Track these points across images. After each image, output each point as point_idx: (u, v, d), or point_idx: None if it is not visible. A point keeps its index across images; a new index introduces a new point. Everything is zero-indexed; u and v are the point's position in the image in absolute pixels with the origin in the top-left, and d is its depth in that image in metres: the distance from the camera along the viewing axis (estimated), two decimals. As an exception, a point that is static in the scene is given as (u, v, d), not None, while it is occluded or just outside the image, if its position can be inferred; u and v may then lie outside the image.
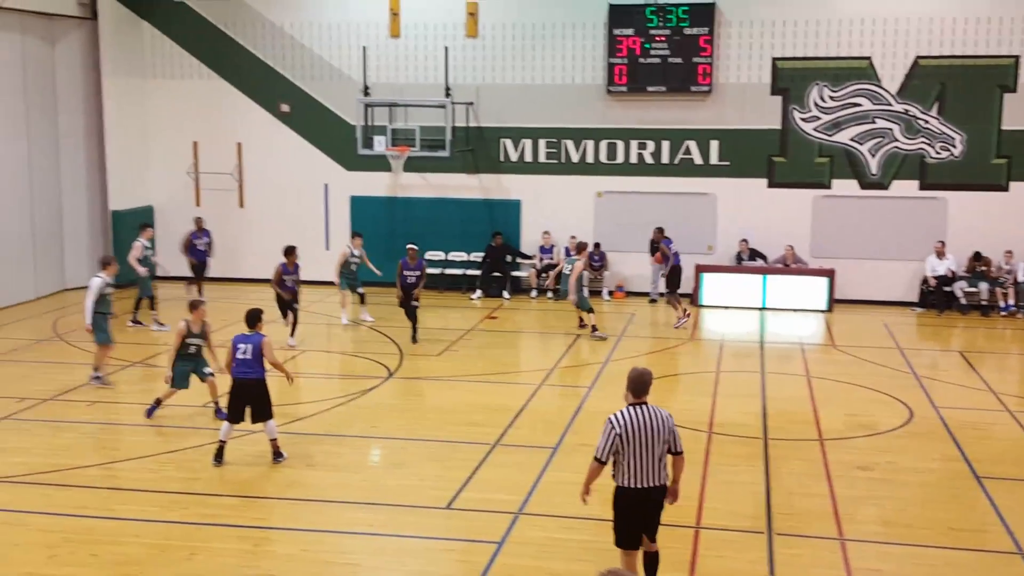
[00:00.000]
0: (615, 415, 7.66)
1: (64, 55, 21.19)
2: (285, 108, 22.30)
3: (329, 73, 22.06)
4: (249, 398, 11.10)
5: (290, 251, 16.77)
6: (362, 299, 18.66)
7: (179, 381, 12.63)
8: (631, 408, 7.68)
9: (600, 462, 7.67)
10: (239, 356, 11.06)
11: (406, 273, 17.26)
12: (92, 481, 10.70)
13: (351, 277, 18.48)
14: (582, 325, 18.22)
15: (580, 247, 18.43)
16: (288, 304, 16.73)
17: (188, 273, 20.44)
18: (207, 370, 12.68)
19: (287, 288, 16.67)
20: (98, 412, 13.21)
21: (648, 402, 7.78)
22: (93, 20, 21.33)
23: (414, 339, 17.09)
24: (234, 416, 11.12)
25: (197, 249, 20.14)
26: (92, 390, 14.05)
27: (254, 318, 11.37)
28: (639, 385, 7.72)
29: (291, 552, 9.07)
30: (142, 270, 17.67)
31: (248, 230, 22.50)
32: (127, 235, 21.91)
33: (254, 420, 11.19)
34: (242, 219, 22.55)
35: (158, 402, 12.75)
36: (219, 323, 18.29)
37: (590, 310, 17.88)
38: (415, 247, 17.59)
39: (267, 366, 11.21)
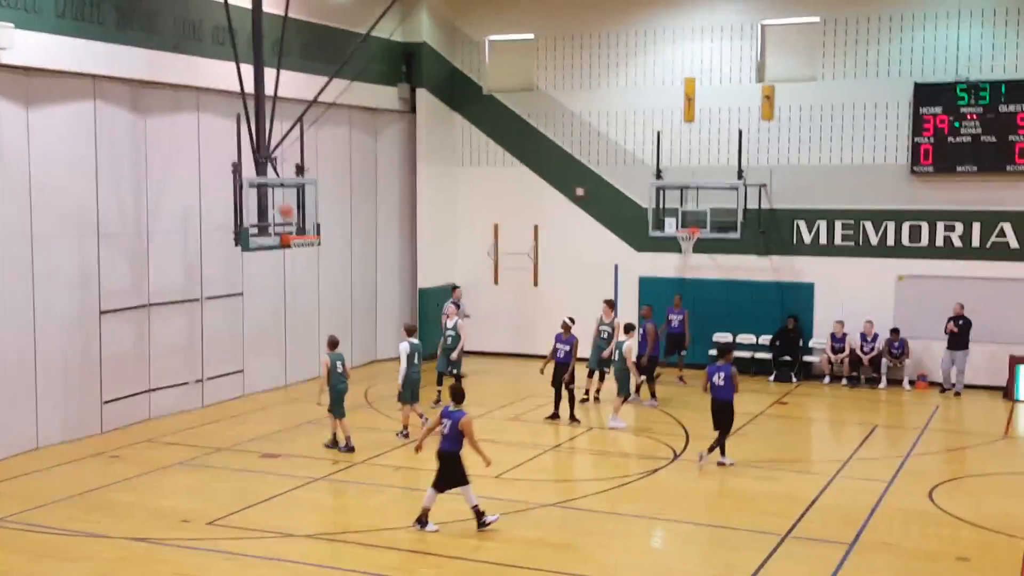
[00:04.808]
0: None
1: (385, 146, 23.24)
2: (580, 192, 23.14)
3: (623, 157, 22.68)
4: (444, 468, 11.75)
5: (567, 322, 17.42)
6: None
7: None
8: None
9: None
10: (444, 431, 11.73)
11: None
12: (398, 543, 11.40)
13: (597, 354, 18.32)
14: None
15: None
16: (560, 380, 17.08)
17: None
18: None
19: (560, 361, 17.05)
20: (404, 476, 14.11)
21: None
22: (412, 113, 23.29)
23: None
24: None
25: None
26: (400, 456, 15.01)
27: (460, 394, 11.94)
28: None
29: (580, 629, 9.20)
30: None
31: (541, 308, 23.31)
32: (431, 311, 23.43)
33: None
34: (536, 297, 23.44)
35: None
36: (507, 398, 19.08)
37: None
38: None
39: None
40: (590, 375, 18.69)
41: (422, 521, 11.73)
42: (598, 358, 18.52)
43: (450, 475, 11.77)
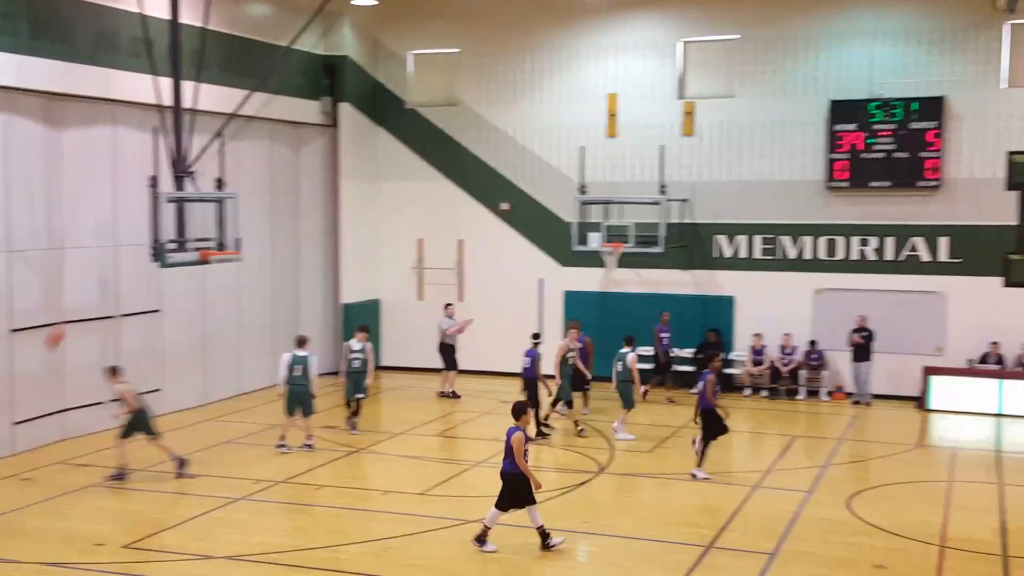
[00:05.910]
0: None
1: (307, 159, 22.99)
2: (505, 207, 23.18)
3: (547, 172, 22.79)
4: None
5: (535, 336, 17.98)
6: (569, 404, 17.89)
7: None
8: None
9: None
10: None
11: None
12: (320, 563, 11.21)
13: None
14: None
15: None
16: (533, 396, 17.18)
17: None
18: None
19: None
20: (328, 495, 13.91)
21: None
22: (334, 127, 23.11)
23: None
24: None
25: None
26: (325, 473, 14.81)
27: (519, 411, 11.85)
28: None
29: (505, 646, 9.15)
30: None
31: (467, 323, 23.25)
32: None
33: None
34: (462, 313, 23.33)
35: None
36: (431, 414, 19.00)
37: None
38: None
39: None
40: (569, 405, 17.66)
41: (481, 540, 11.53)
42: (571, 386, 17.63)
43: (512, 495, 11.57)
